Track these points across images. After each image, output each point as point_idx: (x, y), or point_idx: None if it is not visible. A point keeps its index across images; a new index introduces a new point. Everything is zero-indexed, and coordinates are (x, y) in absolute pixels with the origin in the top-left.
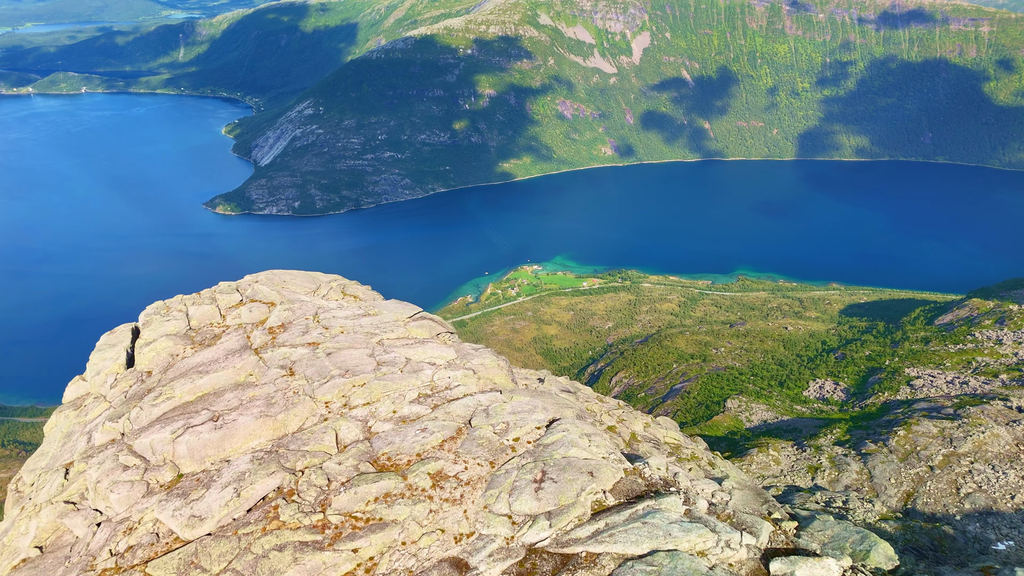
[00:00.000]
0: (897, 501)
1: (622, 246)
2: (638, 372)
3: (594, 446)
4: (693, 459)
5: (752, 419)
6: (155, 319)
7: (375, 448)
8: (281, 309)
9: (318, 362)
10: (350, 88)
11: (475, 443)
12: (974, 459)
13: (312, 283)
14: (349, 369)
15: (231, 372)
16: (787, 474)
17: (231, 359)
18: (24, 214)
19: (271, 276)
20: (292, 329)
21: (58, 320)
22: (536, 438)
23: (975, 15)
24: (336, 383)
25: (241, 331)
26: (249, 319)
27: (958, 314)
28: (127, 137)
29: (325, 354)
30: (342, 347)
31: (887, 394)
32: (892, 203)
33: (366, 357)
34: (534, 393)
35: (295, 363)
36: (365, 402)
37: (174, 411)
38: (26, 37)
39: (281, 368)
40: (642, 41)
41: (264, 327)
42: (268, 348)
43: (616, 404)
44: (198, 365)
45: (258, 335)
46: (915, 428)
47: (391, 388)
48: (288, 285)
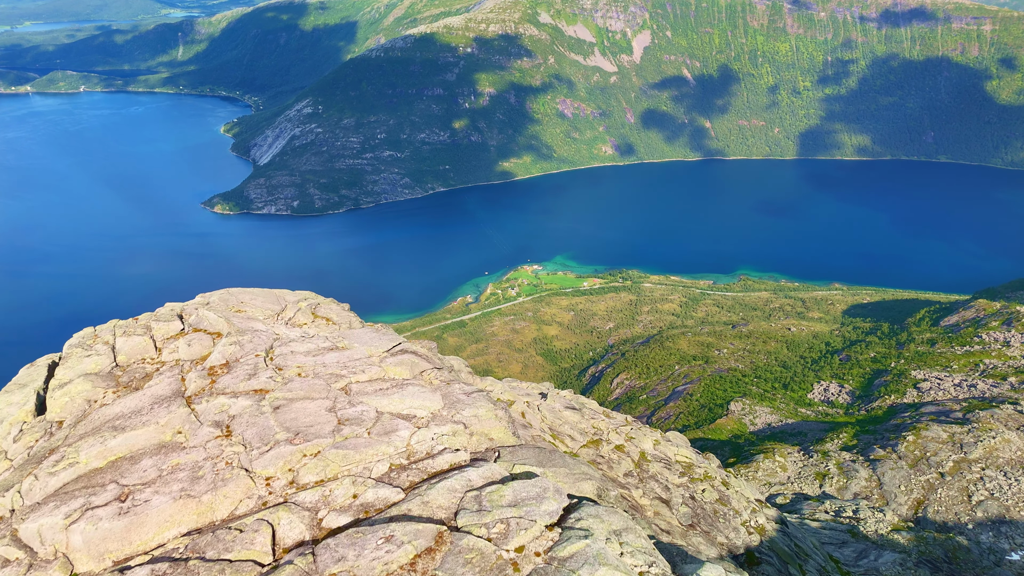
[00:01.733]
0: (908, 509)
1: (623, 246)
2: (639, 374)
3: (628, 555)
4: (707, 479)
5: (756, 422)
6: (75, 352)
7: (320, 567)
8: (227, 343)
9: (262, 420)
10: (349, 87)
11: (461, 561)
12: (985, 465)
13: (276, 304)
14: (300, 431)
15: (153, 430)
16: (794, 481)
17: (157, 411)
18: (21, 213)
19: (226, 296)
20: (237, 370)
21: (55, 320)
22: (548, 546)
23: (977, 13)
24: (282, 452)
25: (176, 371)
26: (187, 355)
27: (964, 315)
28: (125, 136)
29: (272, 408)
30: (296, 397)
31: (893, 397)
32: (894, 202)
33: (325, 412)
34: (540, 454)
35: (234, 419)
36: (318, 479)
37: (76, 483)
38: (25, 36)
39: (215, 426)
40: (643, 40)
41: (203, 367)
42: (204, 396)
43: (624, 420)
44: (116, 417)
45: (194, 378)
46: (924, 433)
47: (353, 459)
48: (246, 307)
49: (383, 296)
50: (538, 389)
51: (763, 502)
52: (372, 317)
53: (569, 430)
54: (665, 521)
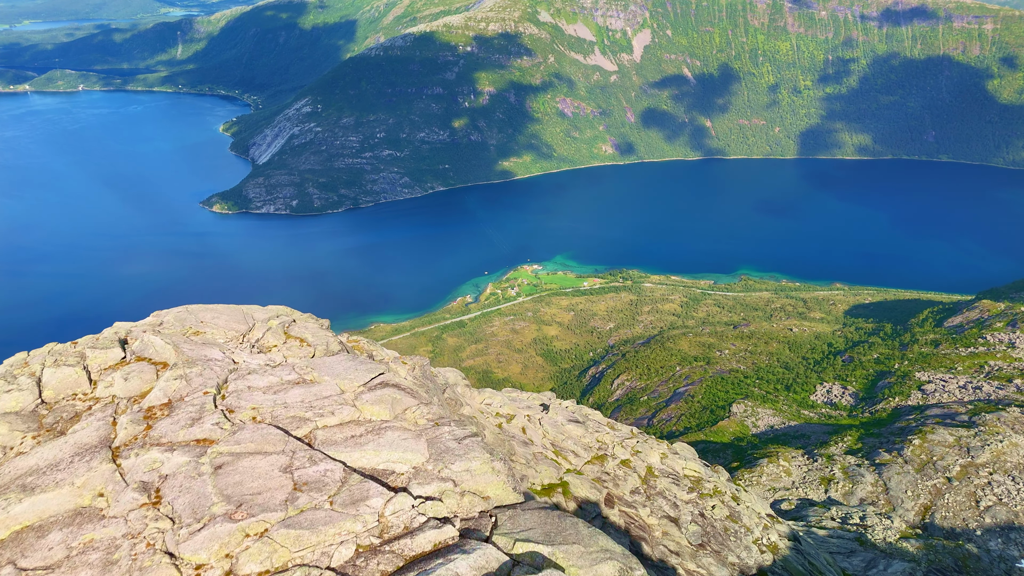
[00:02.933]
0: (915, 515)
1: (623, 245)
2: (640, 375)
3: None
4: (716, 494)
5: (758, 424)
6: None
7: None
8: (171, 376)
9: (198, 485)
10: (349, 86)
11: None
12: (993, 470)
13: (242, 323)
14: (244, 501)
15: (69, 492)
16: (799, 486)
17: (77, 465)
18: (19, 213)
19: (183, 315)
20: (179, 412)
21: (53, 321)
22: None
23: (978, 12)
24: (218, 531)
25: (109, 411)
26: (123, 391)
27: (968, 316)
28: (124, 135)
29: (212, 467)
30: (245, 451)
31: (898, 399)
32: (895, 202)
33: (278, 473)
34: (547, 522)
35: (165, 481)
36: (262, 570)
37: None
38: (23, 34)
39: (142, 490)
40: (643, 38)
41: (140, 407)
42: (134, 448)
43: (629, 432)
44: (29, 472)
45: (127, 422)
46: (930, 437)
47: (309, 541)
48: (206, 327)
49: (382, 296)
50: (539, 400)
51: (775, 517)
52: (372, 317)
53: (572, 445)
54: (674, 541)
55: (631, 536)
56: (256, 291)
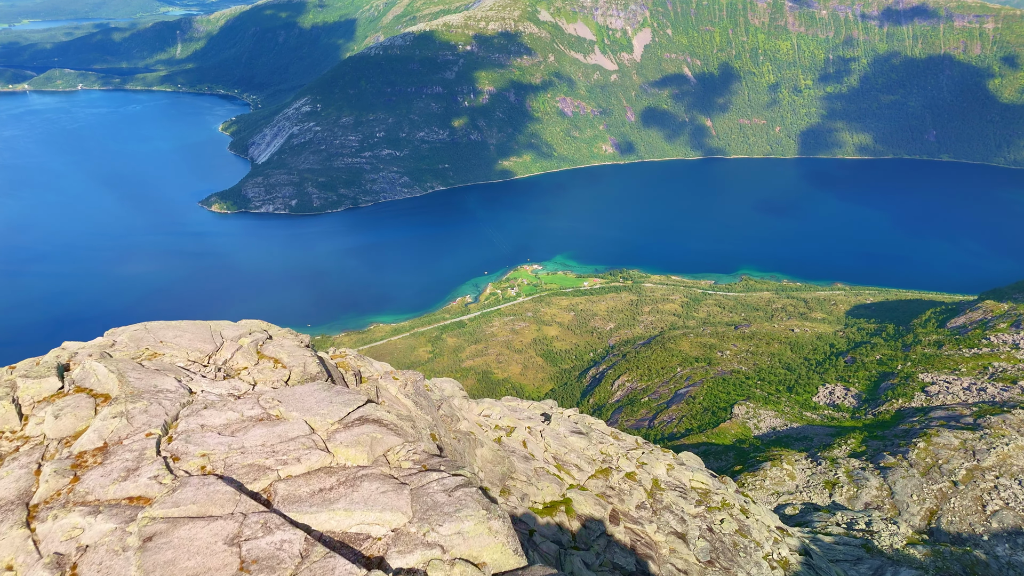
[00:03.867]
0: (920, 520)
1: (623, 245)
2: (641, 375)
3: None
4: (725, 507)
5: (760, 426)
6: None
7: None
8: (111, 413)
9: (119, 565)
10: (348, 85)
11: None
12: (999, 473)
13: (209, 342)
14: None
15: None
16: (803, 490)
17: None
18: (18, 212)
19: (140, 335)
20: (114, 460)
21: (51, 321)
22: None
23: (979, 11)
24: None
25: (36, 456)
26: (54, 431)
27: (971, 317)
28: (123, 134)
29: (140, 540)
30: (184, 515)
31: (901, 401)
32: (896, 201)
33: (222, 547)
34: None
35: (83, 556)
36: None
37: None
38: (23, 34)
39: (55, 567)
40: (643, 38)
41: (71, 451)
42: (54, 507)
43: (634, 442)
44: None
45: (51, 472)
46: (935, 440)
47: None
48: (166, 348)
49: (382, 296)
50: (540, 409)
51: (784, 529)
52: (371, 317)
53: (575, 459)
54: (682, 559)
55: (637, 554)
56: (255, 291)
